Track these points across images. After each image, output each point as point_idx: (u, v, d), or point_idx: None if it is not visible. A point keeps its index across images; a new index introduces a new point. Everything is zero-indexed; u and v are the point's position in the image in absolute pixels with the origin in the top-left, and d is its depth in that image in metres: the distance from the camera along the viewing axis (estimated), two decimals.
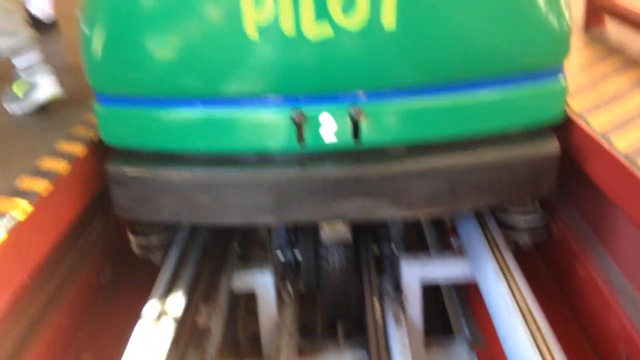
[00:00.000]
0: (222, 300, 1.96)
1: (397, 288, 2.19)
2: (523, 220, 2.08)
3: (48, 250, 1.76)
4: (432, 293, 2.57)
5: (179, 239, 2.15)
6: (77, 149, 1.96)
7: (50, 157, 1.89)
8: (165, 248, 2.13)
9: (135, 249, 2.15)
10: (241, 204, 1.82)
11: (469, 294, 2.27)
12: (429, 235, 2.70)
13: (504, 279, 1.82)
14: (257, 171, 1.78)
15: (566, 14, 1.74)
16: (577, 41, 2.67)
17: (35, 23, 3.51)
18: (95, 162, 2.02)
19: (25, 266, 1.64)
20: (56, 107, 2.34)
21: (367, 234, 2.53)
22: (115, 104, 1.84)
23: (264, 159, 1.81)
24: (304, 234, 2.38)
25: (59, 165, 1.85)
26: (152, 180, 1.84)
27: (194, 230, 2.19)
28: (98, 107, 1.88)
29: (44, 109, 2.32)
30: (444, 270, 2.11)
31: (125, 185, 1.88)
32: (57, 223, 1.82)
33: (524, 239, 2.10)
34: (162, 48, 1.69)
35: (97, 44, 1.74)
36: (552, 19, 1.73)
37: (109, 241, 2.48)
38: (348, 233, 2.04)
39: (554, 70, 1.84)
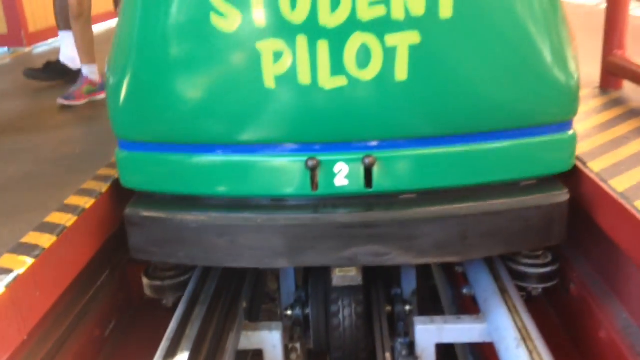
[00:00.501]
0: None
1: (411, 350, 2.12)
2: (534, 268, 2.10)
3: (50, 306, 1.74)
4: (445, 350, 2.49)
5: (190, 284, 2.18)
6: (86, 202, 1.97)
7: (58, 212, 1.90)
8: (177, 291, 2.17)
9: (147, 291, 2.20)
10: (255, 247, 1.86)
11: (484, 354, 2.19)
12: (443, 295, 2.63)
13: (524, 346, 1.77)
14: (271, 216, 1.83)
15: (575, 74, 1.80)
16: (593, 102, 2.68)
17: (65, 71, 3.92)
18: (102, 213, 2.04)
19: (25, 324, 1.59)
20: (71, 160, 2.40)
21: (379, 293, 2.50)
22: (136, 149, 1.92)
23: (278, 204, 1.87)
24: (315, 290, 2.35)
25: (66, 219, 1.85)
26: (169, 223, 1.90)
27: (205, 278, 2.20)
28: (120, 152, 1.97)
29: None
30: (459, 332, 2.06)
31: (142, 228, 1.94)
32: (61, 277, 1.81)
33: (535, 288, 2.11)
34: (183, 98, 1.78)
35: (121, 95, 1.83)
36: (563, 79, 1.78)
37: (114, 295, 2.46)
38: (359, 278, 2.05)
39: (564, 125, 1.89)
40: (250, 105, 1.74)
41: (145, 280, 2.18)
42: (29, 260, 1.61)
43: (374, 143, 1.79)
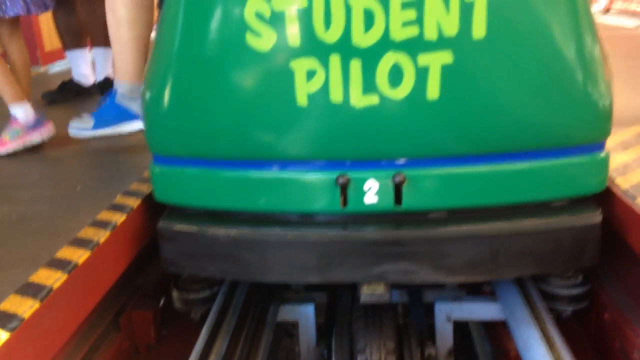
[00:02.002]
0: None
1: None
2: (564, 289, 2.12)
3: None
4: None
5: (218, 297, 2.24)
6: (80, 256, 1.77)
7: (46, 269, 1.70)
8: (206, 304, 2.24)
9: (176, 304, 2.25)
10: (284, 263, 1.92)
11: None
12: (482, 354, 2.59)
13: None
14: (301, 232, 1.89)
15: (608, 95, 1.85)
16: None
17: (80, 90, 4.06)
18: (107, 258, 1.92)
19: None
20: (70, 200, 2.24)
21: (412, 353, 2.36)
22: (171, 164, 1.99)
23: (307, 220, 1.92)
24: (339, 353, 2.29)
25: (54, 278, 1.64)
26: (200, 237, 1.96)
27: (233, 291, 2.25)
28: (154, 167, 2.04)
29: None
30: None
31: (174, 241, 2.01)
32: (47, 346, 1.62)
33: (565, 309, 2.14)
34: (217, 114, 1.84)
35: (157, 111, 1.91)
36: (595, 100, 1.82)
37: (118, 345, 2.31)
38: (387, 295, 2.04)
39: (597, 145, 1.93)
40: (282, 122, 1.80)
41: (174, 293, 2.24)
42: (3, 336, 1.40)
43: (404, 161, 1.84)
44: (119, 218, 2.01)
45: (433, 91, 1.72)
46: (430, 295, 2.45)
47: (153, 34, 2.46)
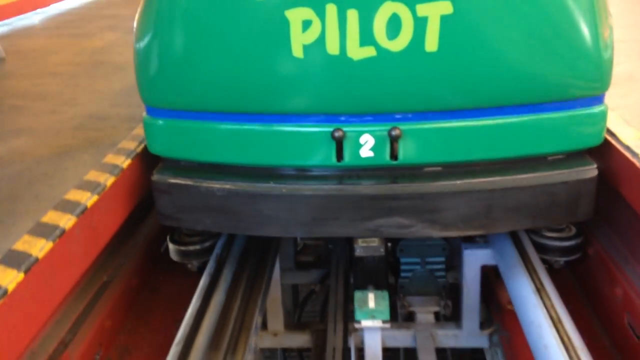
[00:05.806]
0: None
1: None
2: (557, 241, 2.20)
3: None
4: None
5: (215, 249, 2.30)
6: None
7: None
8: (202, 256, 2.31)
9: (173, 256, 2.33)
10: (280, 217, 1.97)
11: None
12: None
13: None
14: (296, 185, 1.94)
15: (608, 48, 1.85)
16: None
17: None
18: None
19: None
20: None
21: None
22: (164, 116, 2.01)
23: (303, 173, 1.96)
24: None
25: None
26: (195, 190, 2.01)
27: (230, 243, 2.30)
28: (147, 119, 2.06)
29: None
30: None
31: (169, 194, 2.05)
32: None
33: (558, 260, 2.22)
34: (211, 66, 1.85)
35: (149, 62, 1.91)
36: (595, 53, 1.83)
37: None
38: (382, 248, 2.15)
39: (595, 99, 1.95)
40: (277, 74, 1.80)
41: (171, 246, 2.30)
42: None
43: (401, 115, 1.85)
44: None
45: (432, 43, 1.72)
46: None
47: None
